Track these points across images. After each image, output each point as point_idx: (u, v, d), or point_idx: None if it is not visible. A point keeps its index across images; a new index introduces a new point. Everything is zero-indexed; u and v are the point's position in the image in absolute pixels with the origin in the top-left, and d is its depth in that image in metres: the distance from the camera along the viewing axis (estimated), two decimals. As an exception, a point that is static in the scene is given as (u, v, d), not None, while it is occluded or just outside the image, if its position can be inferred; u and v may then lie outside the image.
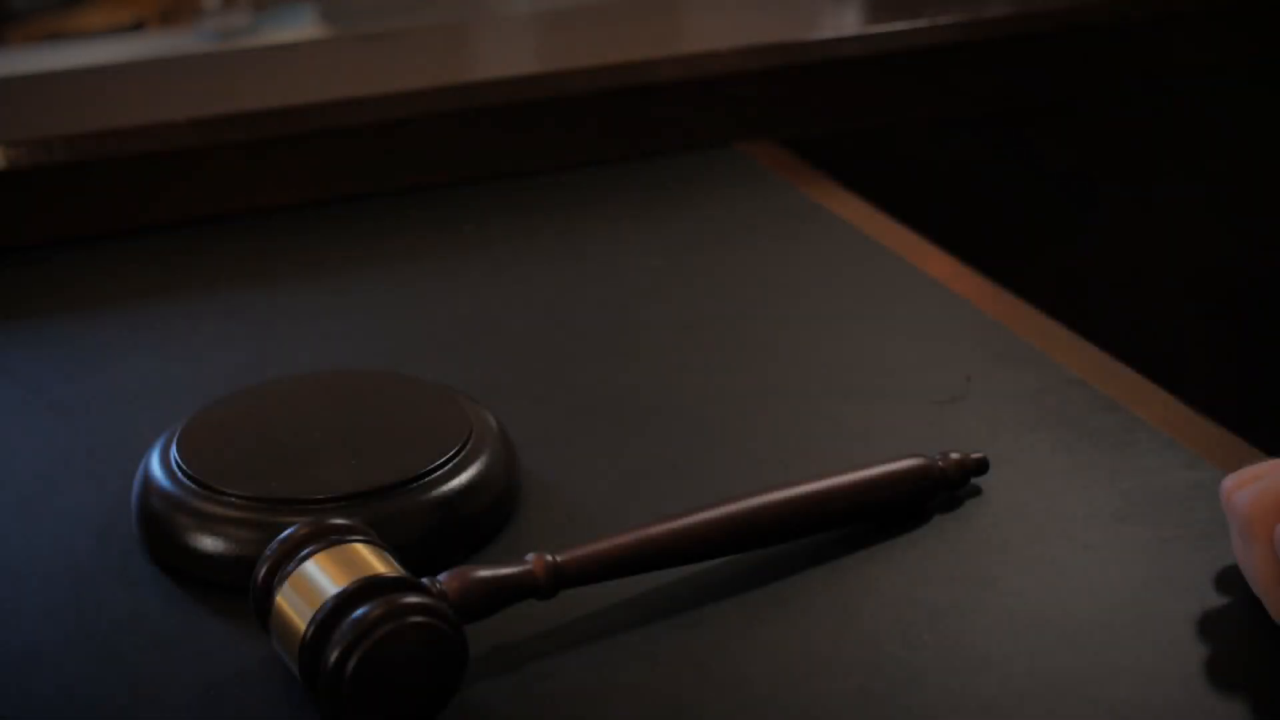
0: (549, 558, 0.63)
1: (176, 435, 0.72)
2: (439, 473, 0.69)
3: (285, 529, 0.63)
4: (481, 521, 0.70)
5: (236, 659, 0.63)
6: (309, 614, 0.58)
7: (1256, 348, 1.43)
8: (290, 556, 0.61)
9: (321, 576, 0.60)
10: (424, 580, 0.60)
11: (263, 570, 0.62)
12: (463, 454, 0.70)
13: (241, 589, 0.66)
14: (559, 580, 0.63)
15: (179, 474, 0.69)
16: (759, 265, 1.01)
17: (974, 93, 1.29)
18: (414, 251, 1.04)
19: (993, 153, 1.35)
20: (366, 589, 0.58)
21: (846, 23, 1.29)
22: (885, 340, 0.89)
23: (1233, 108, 1.42)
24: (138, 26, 2.75)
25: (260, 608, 0.62)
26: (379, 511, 0.67)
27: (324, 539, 0.62)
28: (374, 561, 0.61)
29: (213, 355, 0.90)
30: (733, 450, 0.77)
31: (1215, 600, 0.64)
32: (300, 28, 2.52)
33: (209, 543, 0.67)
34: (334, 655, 0.57)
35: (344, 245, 1.06)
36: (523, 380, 0.85)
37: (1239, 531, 0.63)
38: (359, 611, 0.57)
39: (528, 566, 0.63)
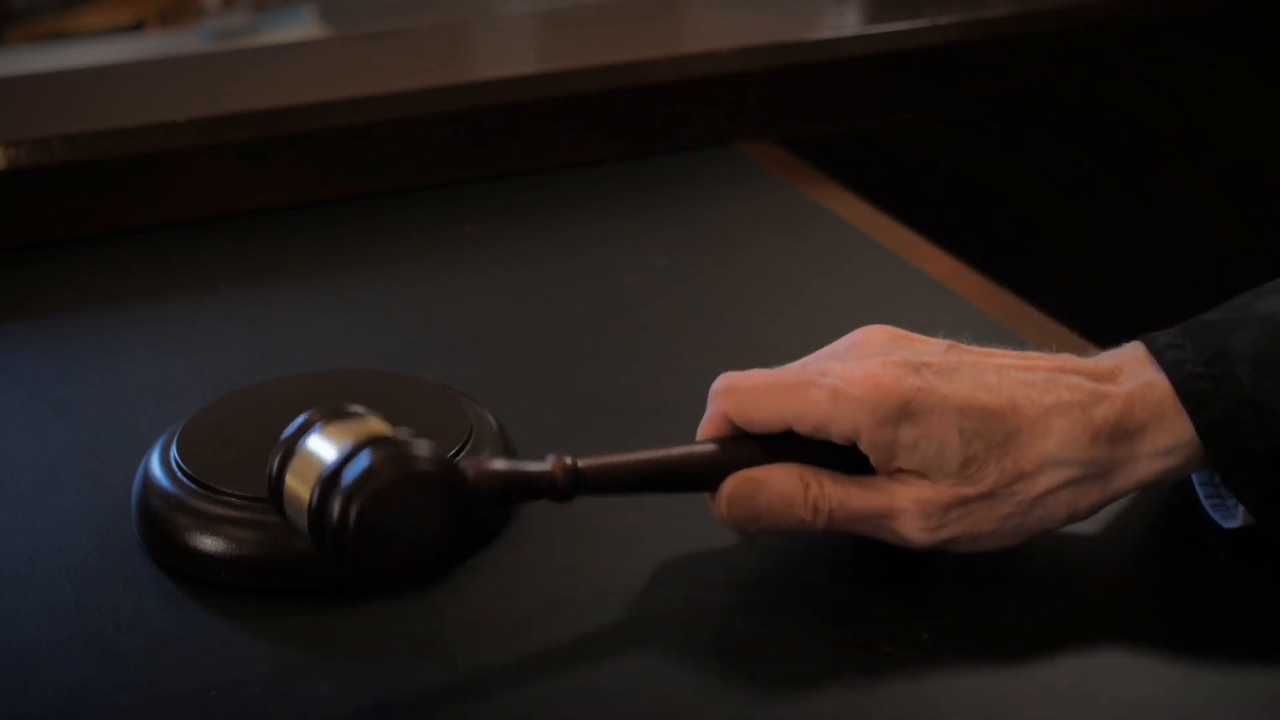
0: (568, 460, 0.63)
1: (176, 435, 0.72)
2: (439, 473, 0.69)
3: (284, 528, 0.63)
4: (481, 521, 0.70)
5: (236, 659, 0.63)
6: (314, 480, 0.58)
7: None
8: (297, 442, 0.61)
9: (326, 446, 0.60)
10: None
11: (274, 462, 0.61)
12: (463, 454, 0.70)
13: (241, 589, 0.66)
14: (576, 484, 0.63)
15: (179, 474, 0.69)
16: (759, 265, 1.01)
17: (974, 92, 1.29)
18: (414, 251, 1.04)
19: (992, 152, 1.35)
20: (370, 443, 0.58)
21: (846, 23, 1.29)
22: (885, 340, 0.89)
23: (1232, 106, 1.42)
24: (138, 26, 2.75)
25: (277, 502, 0.61)
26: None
27: (330, 417, 0.61)
28: (380, 426, 0.60)
29: (213, 355, 0.90)
30: (733, 450, 0.77)
31: (1216, 600, 0.64)
32: (300, 28, 2.52)
33: (209, 543, 0.67)
34: (337, 506, 0.56)
35: (344, 245, 1.06)
36: (523, 380, 0.85)
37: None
38: (362, 463, 0.57)
39: (547, 466, 0.62)
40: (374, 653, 0.63)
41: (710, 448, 0.66)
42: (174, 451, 0.71)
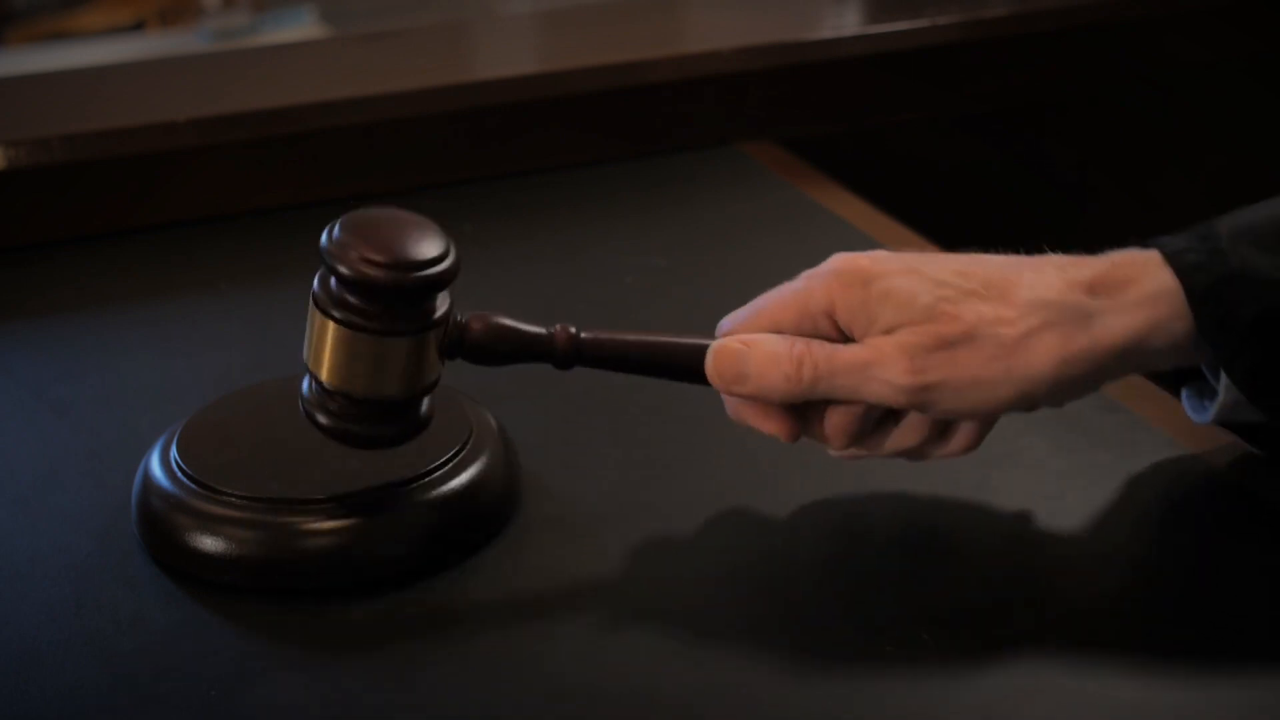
0: (573, 329, 0.66)
1: (176, 435, 0.72)
2: (439, 473, 0.69)
3: (284, 528, 0.63)
4: (481, 521, 0.70)
5: (236, 659, 0.63)
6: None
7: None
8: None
9: None
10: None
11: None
12: (463, 454, 0.70)
13: (241, 589, 0.66)
14: (576, 352, 0.66)
15: (179, 474, 0.69)
16: (759, 265, 1.01)
17: (974, 92, 1.29)
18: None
19: (992, 152, 1.35)
20: None
21: (846, 23, 1.29)
22: (885, 340, 0.89)
23: (1232, 106, 1.42)
24: (138, 26, 2.75)
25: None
26: (379, 511, 0.67)
27: None
28: None
29: (213, 355, 0.90)
30: (732, 450, 0.77)
31: (1217, 600, 0.64)
32: (300, 28, 2.52)
33: (209, 543, 0.67)
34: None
35: (344, 245, 1.05)
36: (523, 380, 0.85)
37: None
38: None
39: (551, 331, 0.66)
40: (374, 652, 0.63)
41: (704, 341, 0.68)
42: (174, 451, 0.71)
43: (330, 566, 0.66)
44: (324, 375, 0.65)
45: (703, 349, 0.67)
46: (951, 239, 1.06)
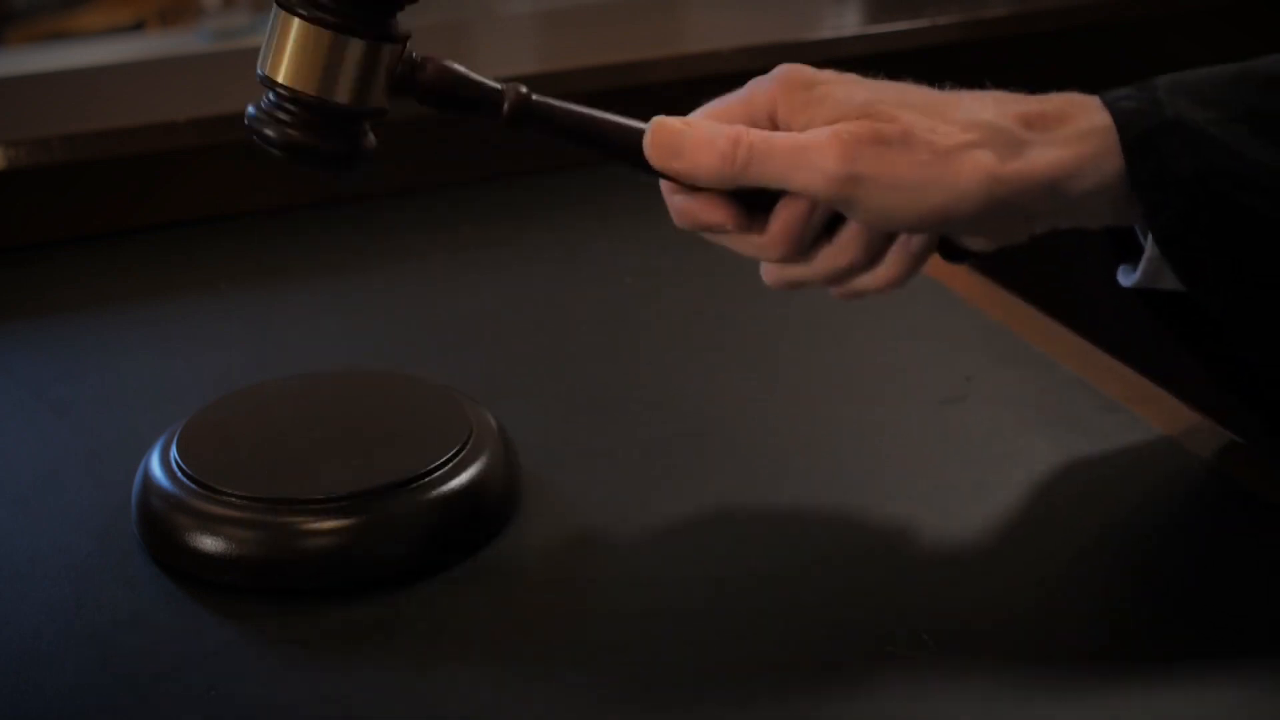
0: (524, 90, 0.67)
1: (176, 435, 0.72)
2: (439, 473, 0.69)
3: (284, 528, 0.63)
4: (481, 521, 0.70)
5: (236, 659, 0.63)
6: None
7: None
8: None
9: None
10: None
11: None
12: (463, 454, 0.70)
13: (242, 589, 0.66)
14: (525, 112, 0.68)
15: (179, 474, 0.69)
16: (759, 265, 1.01)
17: (974, 92, 1.29)
18: (414, 251, 1.04)
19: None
20: None
21: (846, 23, 1.29)
22: (885, 340, 0.89)
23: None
24: (138, 26, 2.75)
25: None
26: (379, 511, 0.67)
27: None
28: None
29: (213, 355, 0.90)
30: (732, 450, 0.77)
31: (1217, 600, 0.64)
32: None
33: (209, 543, 0.67)
34: None
35: (344, 245, 1.06)
36: (523, 380, 0.85)
37: None
38: None
39: (502, 87, 0.67)
40: (374, 652, 0.63)
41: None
42: (174, 451, 0.71)
43: (330, 566, 0.66)
44: (280, 74, 0.66)
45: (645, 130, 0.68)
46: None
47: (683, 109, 1.19)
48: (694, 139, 0.66)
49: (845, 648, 0.62)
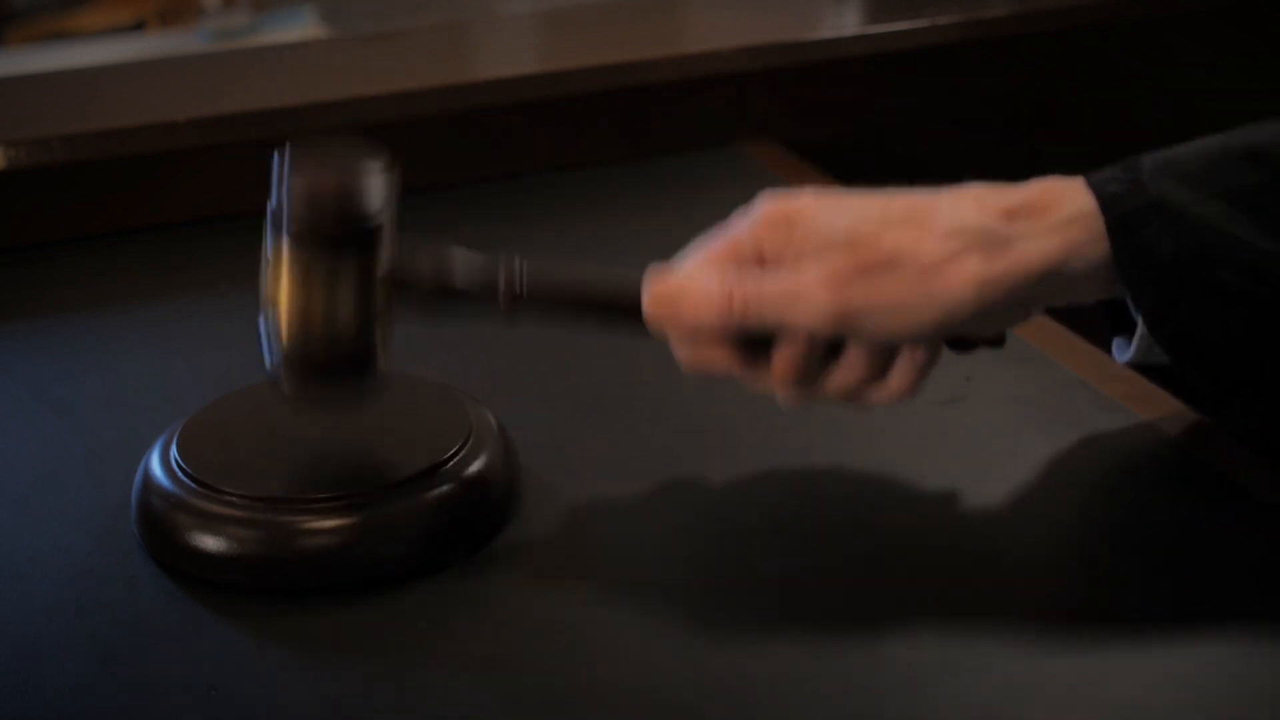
0: (517, 290, 0.68)
1: (177, 435, 0.72)
2: (439, 473, 0.69)
3: (284, 528, 0.63)
4: (481, 521, 0.70)
5: (236, 659, 0.63)
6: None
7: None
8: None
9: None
10: None
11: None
12: (463, 454, 0.70)
13: (242, 589, 0.66)
14: (520, 314, 0.68)
15: (179, 473, 0.69)
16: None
17: (974, 92, 1.29)
18: (413, 252, 1.04)
19: (992, 152, 1.35)
20: None
21: (846, 23, 1.29)
22: (885, 340, 0.89)
23: (1232, 106, 1.41)
24: (138, 26, 2.75)
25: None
26: (379, 511, 0.67)
27: None
28: None
29: (213, 355, 0.90)
30: (732, 450, 0.77)
31: (1217, 600, 0.64)
32: (300, 28, 2.52)
33: (209, 542, 0.67)
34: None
35: (344, 245, 1.05)
36: (523, 380, 0.85)
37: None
38: None
39: (497, 284, 0.68)
40: (374, 653, 0.63)
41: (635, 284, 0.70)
42: (174, 451, 0.71)
43: (330, 566, 0.66)
44: (281, 307, 0.66)
45: (639, 292, 0.69)
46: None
47: (683, 109, 1.19)
48: (690, 298, 0.67)
49: (845, 647, 0.62)
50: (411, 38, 1.35)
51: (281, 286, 0.65)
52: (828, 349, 0.68)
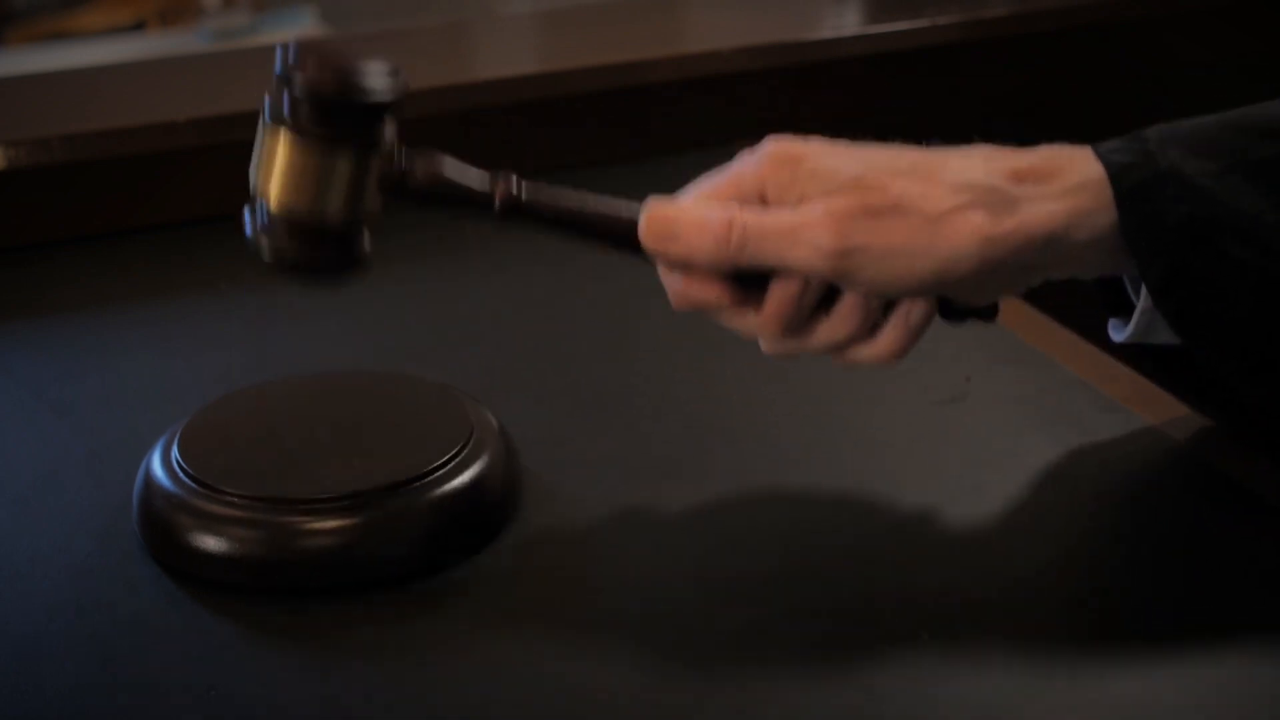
0: (513, 190, 0.67)
1: (177, 435, 0.72)
2: (439, 473, 0.69)
3: (285, 528, 0.63)
4: (481, 521, 0.70)
5: (237, 659, 0.63)
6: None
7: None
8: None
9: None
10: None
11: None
12: (463, 454, 0.70)
13: (242, 589, 0.66)
14: (514, 211, 0.68)
15: (180, 474, 0.69)
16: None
17: (974, 92, 1.29)
18: (414, 251, 1.04)
19: (993, 152, 1.35)
20: None
21: (846, 23, 1.29)
22: (885, 340, 0.89)
23: (1232, 106, 1.41)
24: (138, 26, 2.75)
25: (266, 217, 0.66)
26: (379, 511, 0.67)
27: None
28: None
29: (213, 355, 0.90)
30: (732, 450, 0.77)
31: (1217, 599, 0.64)
32: (300, 28, 2.52)
33: (210, 542, 0.67)
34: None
35: (344, 245, 1.06)
36: (523, 380, 0.85)
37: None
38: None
39: (491, 188, 0.67)
40: (374, 652, 0.63)
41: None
42: (175, 451, 0.71)
43: (330, 566, 0.66)
44: (271, 194, 0.66)
45: (638, 216, 0.68)
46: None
47: (683, 109, 1.19)
48: (688, 224, 0.66)
49: (845, 647, 0.62)
50: (411, 38, 1.35)
51: (275, 164, 0.65)
52: (821, 298, 0.67)
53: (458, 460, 0.70)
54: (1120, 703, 0.59)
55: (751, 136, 1.21)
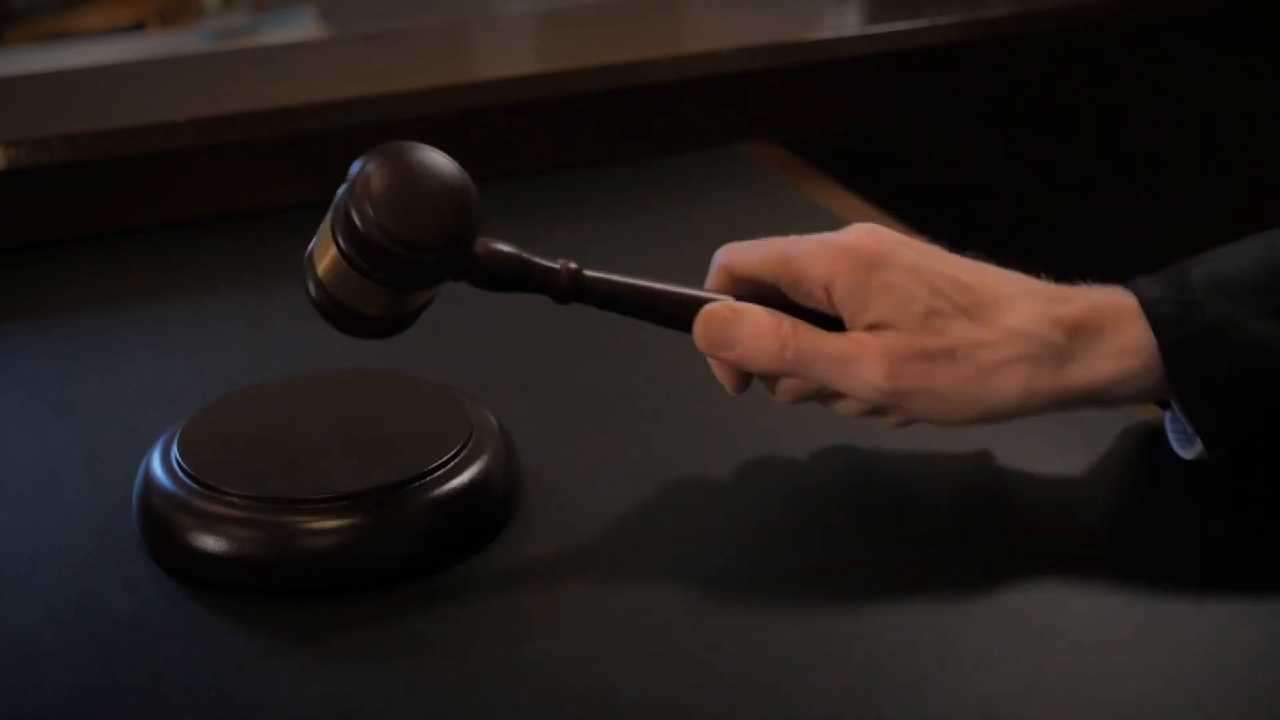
0: (574, 265, 0.68)
1: (177, 435, 0.72)
2: (439, 473, 0.69)
3: (285, 528, 0.63)
4: (481, 521, 0.70)
5: (237, 659, 0.63)
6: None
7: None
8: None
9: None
10: None
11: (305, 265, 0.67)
12: (463, 454, 0.70)
13: (242, 589, 0.66)
14: (577, 287, 0.68)
15: (180, 474, 0.69)
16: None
17: (974, 92, 1.29)
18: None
19: (992, 152, 1.35)
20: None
21: (846, 23, 1.29)
22: (885, 340, 0.89)
23: (1232, 106, 1.42)
24: (138, 26, 2.75)
25: (320, 295, 0.66)
26: (379, 511, 0.67)
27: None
28: None
29: (213, 355, 0.90)
30: (732, 450, 0.77)
31: (1216, 598, 0.64)
32: (300, 28, 2.52)
33: (210, 542, 0.67)
34: (352, 192, 0.63)
35: (344, 245, 1.06)
36: (523, 380, 0.85)
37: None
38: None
39: (555, 264, 0.68)
40: (374, 653, 0.63)
41: (707, 293, 0.70)
42: (175, 451, 0.71)
43: (330, 566, 0.66)
44: (319, 272, 0.66)
45: (696, 304, 0.69)
46: (952, 239, 1.06)
47: (683, 109, 1.19)
48: (744, 334, 0.68)
49: (847, 647, 0.62)
50: (411, 38, 1.35)
51: (326, 257, 0.65)
52: None
53: (458, 460, 0.70)
54: (1120, 701, 0.59)
55: (751, 137, 1.22)
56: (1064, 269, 1.21)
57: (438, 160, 0.65)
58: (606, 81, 1.18)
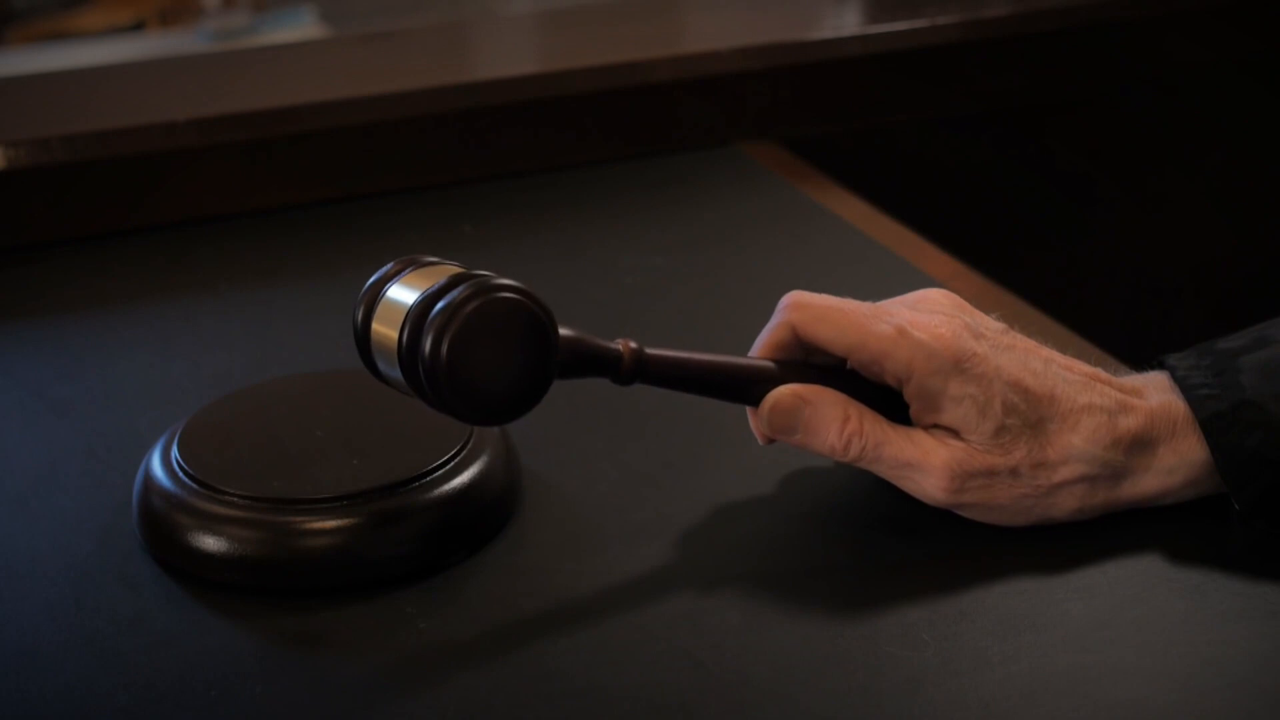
0: (634, 345, 0.65)
1: (177, 435, 0.72)
2: (439, 473, 0.69)
3: (285, 528, 0.63)
4: (481, 521, 0.70)
5: (237, 659, 0.63)
6: (400, 322, 0.60)
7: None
8: (379, 290, 0.63)
9: (409, 290, 0.62)
10: None
11: (359, 314, 0.63)
12: (463, 454, 0.70)
13: (242, 589, 0.66)
14: (639, 368, 0.65)
15: (180, 474, 0.69)
16: (759, 265, 1.01)
17: (974, 92, 1.29)
18: (414, 252, 1.04)
19: (992, 152, 1.35)
20: (452, 282, 0.60)
21: (846, 23, 1.29)
22: (885, 340, 0.89)
23: (1232, 106, 1.42)
24: (138, 26, 2.75)
25: (364, 351, 0.63)
26: (379, 511, 0.67)
27: (410, 265, 0.64)
28: (459, 269, 0.63)
29: (213, 355, 0.90)
30: (732, 450, 0.77)
31: (1215, 598, 0.64)
32: (300, 28, 2.52)
33: (210, 542, 0.67)
34: (429, 338, 0.58)
35: (344, 245, 1.06)
36: (523, 380, 0.85)
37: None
38: (447, 297, 0.59)
39: (616, 345, 0.65)
40: (374, 653, 0.63)
41: (767, 365, 0.69)
42: (175, 451, 0.71)
43: (330, 566, 0.66)
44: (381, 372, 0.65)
45: (761, 380, 0.68)
46: (952, 239, 1.07)
47: (683, 109, 1.19)
48: (810, 422, 0.67)
49: (846, 646, 0.62)
50: (411, 38, 1.35)
51: (376, 337, 0.64)
52: None
53: (458, 460, 0.70)
54: (1120, 701, 0.59)
55: (751, 137, 1.22)
56: (1064, 269, 1.22)
57: (515, 335, 0.61)
58: (606, 81, 1.18)
